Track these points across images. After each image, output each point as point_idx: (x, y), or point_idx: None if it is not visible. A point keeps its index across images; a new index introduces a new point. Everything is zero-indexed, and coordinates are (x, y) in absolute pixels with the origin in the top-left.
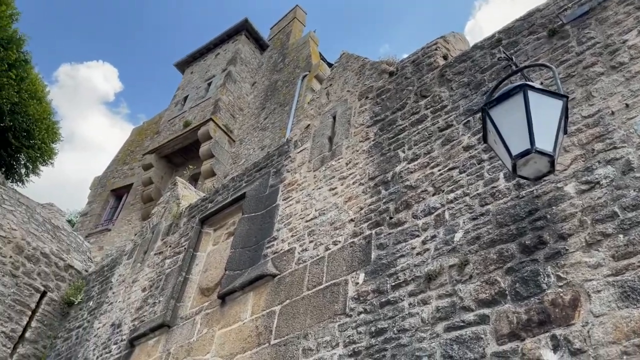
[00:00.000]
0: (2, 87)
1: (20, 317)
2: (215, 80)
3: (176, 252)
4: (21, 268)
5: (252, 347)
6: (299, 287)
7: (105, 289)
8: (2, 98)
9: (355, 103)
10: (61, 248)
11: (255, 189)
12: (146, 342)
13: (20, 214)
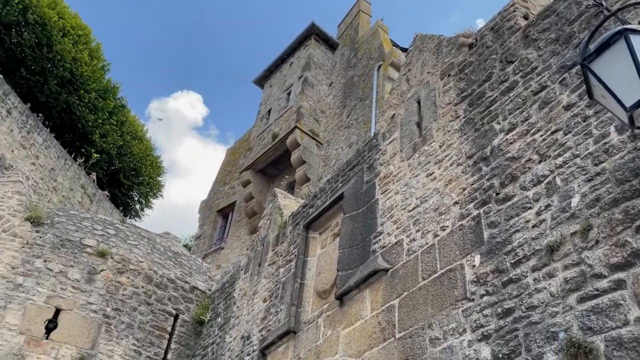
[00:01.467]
0: (107, 134)
1: (160, 341)
2: (293, 89)
3: (287, 260)
4: (153, 296)
5: (378, 343)
6: (413, 278)
7: (230, 304)
8: (109, 143)
9: (438, 83)
10: (184, 272)
11: (352, 187)
12: (276, 350)
13: (143, 247)
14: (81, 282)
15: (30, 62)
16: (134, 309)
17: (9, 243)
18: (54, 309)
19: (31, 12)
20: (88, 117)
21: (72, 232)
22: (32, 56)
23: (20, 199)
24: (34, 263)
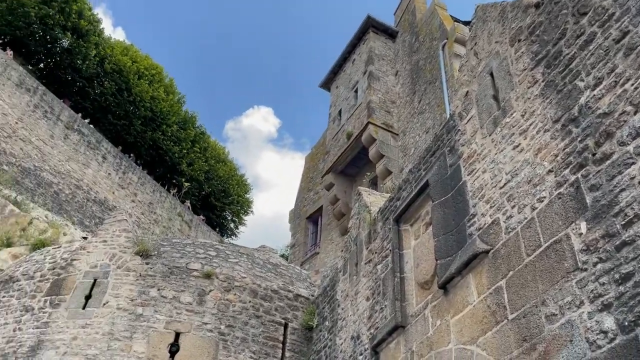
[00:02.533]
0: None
1: (274, 351)
2: (360, 85)
3: (383, 256)
4: (261, 308)
5: (491, 327)
6: (517, 256)
7: (334, 307)
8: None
9: (508, 51)
10: (286, 282)
11: (436, 173)
12: (387, 347)
13: (244, 263)
14: (194, 305)
15: (114, 107)
16: (245, 323)
17: (125, 278)
18: (173, 333)
19: (107, 62)
20: (173, 149)
21: (177, 259)
22: (115, 102)
23: (128, 236)
24: (149, 293)
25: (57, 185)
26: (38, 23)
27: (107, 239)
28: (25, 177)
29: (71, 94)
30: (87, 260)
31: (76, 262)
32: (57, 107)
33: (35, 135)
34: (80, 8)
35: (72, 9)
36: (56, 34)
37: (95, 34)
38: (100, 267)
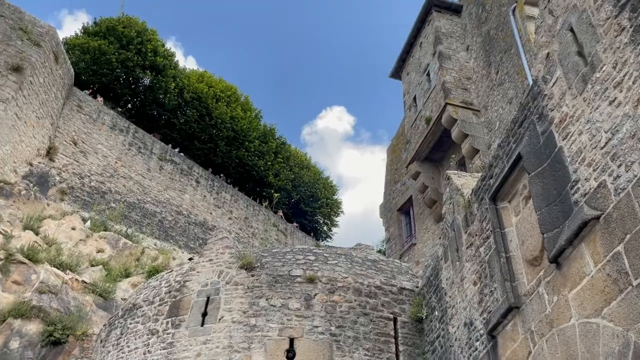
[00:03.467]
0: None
1: (388, 347)
2: (431, 68)
3: (484, 238)
4: (367, 306)
5: (615, 296)
6: (632, 218)
7: (441, 296)
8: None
9: (587, 2)
10: (387, 276)
11: (527, 144)
12: (504, 330)
13: (343, 263)
14: (302, 310)
15: (199, 133)
16: (354, 322)
17: (234, 292)
18: (288, 340)
19: (186, 91)
20: (259, 163)
21: (279, 267)
22: (199, 128)
23: (231, 252)
24: (259, 303)
25: (160, 214)
26: (120, 67)
27: (213, 257)
28: (131, 210)
29: (159, 127)
30: (198, 280)
31: (188, 283)
32: (149, 142)
33: (134, 171)
34: (155, 46)
35: (148, 48)
36: (137, 74)
37: (171, 67)
38: (210, 285)
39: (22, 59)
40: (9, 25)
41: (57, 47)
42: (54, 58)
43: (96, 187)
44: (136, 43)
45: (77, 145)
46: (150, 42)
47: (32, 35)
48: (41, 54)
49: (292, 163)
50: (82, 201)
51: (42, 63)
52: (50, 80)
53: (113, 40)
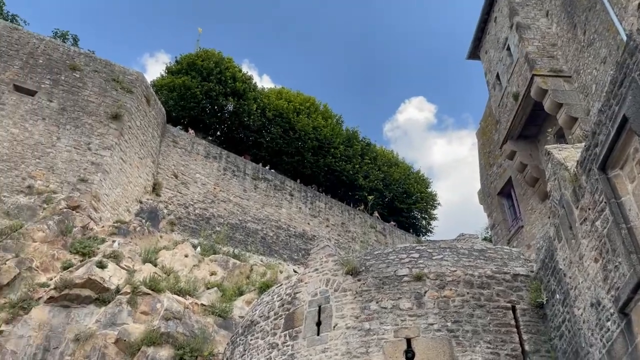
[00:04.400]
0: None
1: (510, 337)
2: (510, 41)
3: (599, 211)
4: (481, 297)
5: None
6: None
7: (560, 278)
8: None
9: None
10: (498, 264)
11: (632, 103)
12: (636, 306)
13: (449, 256)
14: (414, 309)
15: (286, 148)
16: (470, 316)
17: (344, 298)
18: (404, 340)
19: (268, 110)
20: (347, 168)
21: (384, 269)
22: (285, 143)
23: (334, 260)
24: (369, 307)
25: (261, 230)
26: (205, 98)
27: (318, 267)
28: (235, 231)
29: (248, 149)
30: (307, 291)
31: (299, 295)
32: (241, 164)
33: (231, 193)
34: (233, 73)
35: (227, 76)
36: (221, 102)
37: (251, 89)
38: (320, 294)
39: (118, 107)
40: (103, 78)
41: (147, 91)
42: (146, 101)
43: (200, 214)
44: (216, 73)
45: (178, 177)
46: (228, 69)
47: (124, 83)
48: (134, 99)
49: (380, 162)
50: (189, 229)
51: (137, 107)
52: (146, 122)
53: (195, 74)
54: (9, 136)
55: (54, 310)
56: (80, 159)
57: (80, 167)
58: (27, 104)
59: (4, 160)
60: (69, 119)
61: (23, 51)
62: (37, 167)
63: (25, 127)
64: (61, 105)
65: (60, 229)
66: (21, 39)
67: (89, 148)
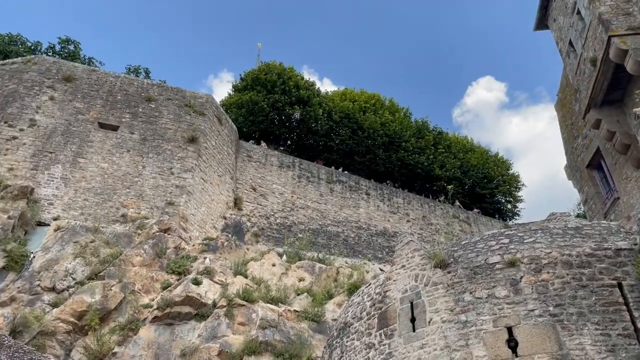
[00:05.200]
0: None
1: (620, 315)
2: (580, 5)
3: None
4: (583, 277)
5: None
6: None
7: None
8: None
9: None
10: (596, 241)
11: None
12: None
13: (542, 238)
14: (511, 296)
15: (356, 148)
16: (573, 298)
17: (435, 292)
18: (505, 329)
19: (334, 113)
20: (420, 160)
21: (474, 258)
22: (355, 143)
23: (420, 254)
24: (463, 298)
25: (342, 233)
26: (272, 110)
27: (404, 263)
28: (317, 236)
29: (319, 154)
30: (397, 288)
31: (389, 293)
32: (314, 170)
33: (309, 199)
34: (296, 81)
35: (290, 85)
36: (288, 112)
37: (315, 95)
38: (410, 290)
39: (193, 130)
40: (176, 105)
41: (217, 111)
42: (217, 121)
43: (281, 222)
44: (279, 84)
45: (256, 190)
46: (290, 79)
47: (196, 107)
48: (207, 121)
49: (455, 150)
50: (273, 238)
51: (210, 128)
52: (220, 141)
53: (260, 88)
54: (100, 171)
55: (159, 329)
56: (165, 183)
57: (166, 192)
58: (112, 139)
59: (99, 194)
60: (150, 147)
61: (102, 90)
62: (128, 196)
63: (113, 160)
64: (142, 135)
65: (155, 251)
66: (99, 79)
67: (172, 172)
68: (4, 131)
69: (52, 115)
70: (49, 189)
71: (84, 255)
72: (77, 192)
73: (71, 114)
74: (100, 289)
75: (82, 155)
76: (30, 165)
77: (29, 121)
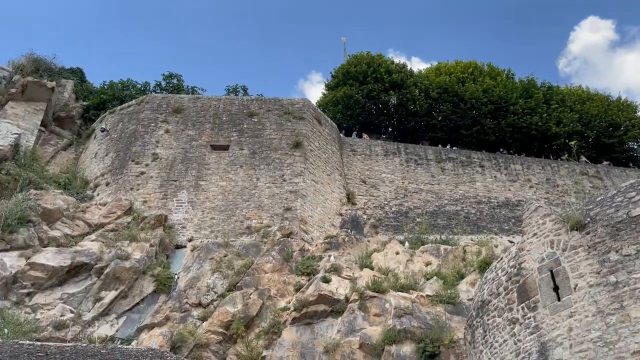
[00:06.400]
0: (560, 119)
1: None
2: None
3: None
4: None
5: None
6: None
7: None
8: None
9: None
10: None
11: None
12: None
13: None
14: None
15: (460, 121)
16: None
17: (576, 257)
18: None
19: (431, 90)
20: (533, 121)
21: (613, 214)
22: (458, 117)
23: (551, 219)
24: (609, 259)
25: (462, 210)
26: (367, 101)
27: (535, 231)
28: (435, 218)
29: (423, 134)
30: (532, 258)
31: (524, 264)
32: (421, 152)
33: (420, 182)
34: (386, 67)
35: (381, 72)
36: (384, 99)
37: (408, 77)
38: (547, 258)
39: (296, 135)
40: (277, 115)
41: (315, 112)
42: (317, 122)
43: (397, 210)
44: (370, 73)
45: (366, 182)
46: (380, 66)
47: (295, 113)
48: (307, 124)
49: (570, 103)
50: (392, 227)
51: (311, 131)
52: (323, 141)
53: (352, 82)
54: (220, 189)
55: (300, 329)
56: (279, 191)
57: (282, 198)
58: (225, 158)
59: (223, 211)
60: (260, 159)
61: (208, 114)
62: (249, 209)
63: (230, 177)
64: (251, 150)
65: (282, 256)
66: (204, 104)
67: (284, 179)
68: (133, 169)
69: (170, 147)
70: (180, 213)
71: (220, 270)
72: (204, 212)
73: (186, 141)
74: (240, 299)
75: (202, 178)
76: (160, 195)
77: (152, 155)
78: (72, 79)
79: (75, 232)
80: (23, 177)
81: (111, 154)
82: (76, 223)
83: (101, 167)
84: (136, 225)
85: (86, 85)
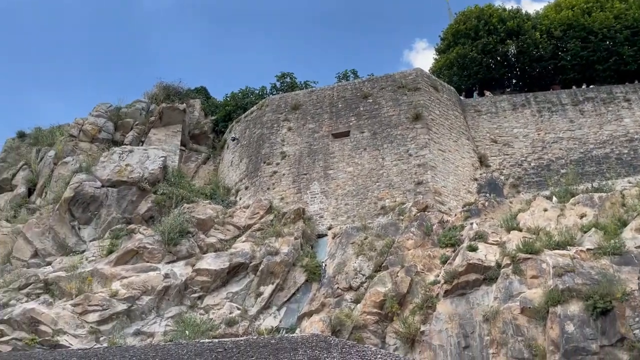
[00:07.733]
0: None
1: None
2: None
3: None
4: None
5: None
6: None
7: None
8: None
9: None
10: None
11: None
12: None
13: None
14: None
15: (593, 56)
16: None
17: None
18: None
19: (553, 29)
20: None
21: None
22: (590, 52)
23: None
24: None
25: (611, 153)
26: (484, 56)
27: None
28: (582, 166)
29: (552, 79)
30: None
31: None
32: (554, 98)
33: (558, 130)
34: (498, 16)
35: (494, 23)
36: (501, 51)
37: (524, 21)
38: None
39: (414, 107)
40: (391, 91)
41: (430, 80)
42: (434, 89)
43: (537, 165)
44: (482, 27)
45: (497, 142)
46: (492, 16)
47: (409, 85)
48: (423, 93)
49: None
50: (534, 184)
51: (429, 100)
52: (443, 108)
53: (464, 40)
54: (348, 175)
55: (455, 301)
56: (407, 167)
57: (411, 174)
58: (348, 144)
59: (355, 195)
60: (382, 139)
61: (324, 105)
62: (380, 189)
63: (356, 162)
64: (371, 131)
65: (422, 231)
66: (319, 96)
67: (410, 154)
68: (266, 170)
69: (295, 143)
70: (315, 205)
71: (363, 252)
72: (337, 200)
73: (308, 135)
74: (388, 278)
75: (329, 167)
76: (294, 190)
77: (280, 154)
78: (198, 98)
79: (227, 236)
80: (175, 195)
81: (244, 159)
82: (227, 228)
83: (238, 174)
84: (278, 222)
85: (211, 101)
